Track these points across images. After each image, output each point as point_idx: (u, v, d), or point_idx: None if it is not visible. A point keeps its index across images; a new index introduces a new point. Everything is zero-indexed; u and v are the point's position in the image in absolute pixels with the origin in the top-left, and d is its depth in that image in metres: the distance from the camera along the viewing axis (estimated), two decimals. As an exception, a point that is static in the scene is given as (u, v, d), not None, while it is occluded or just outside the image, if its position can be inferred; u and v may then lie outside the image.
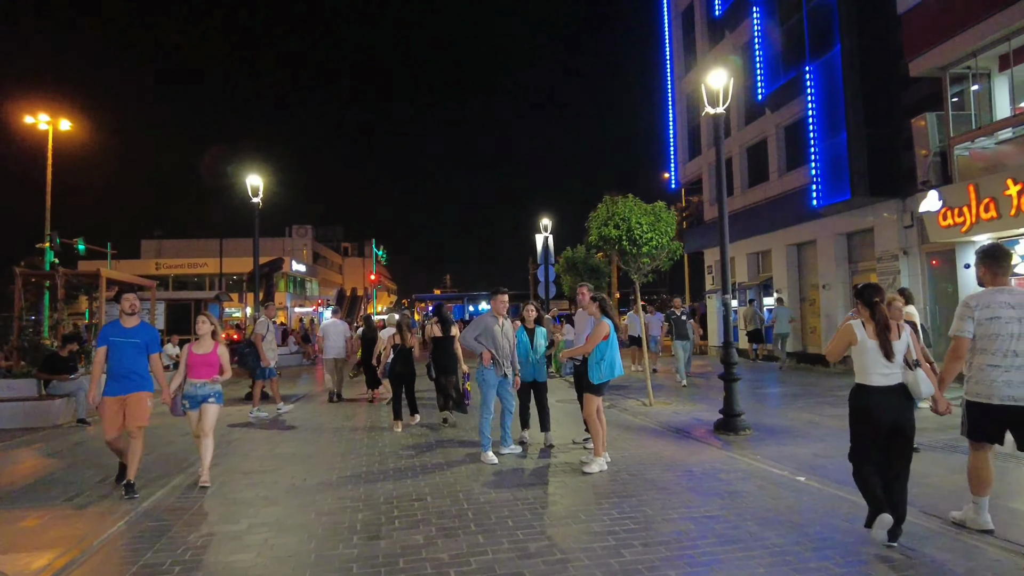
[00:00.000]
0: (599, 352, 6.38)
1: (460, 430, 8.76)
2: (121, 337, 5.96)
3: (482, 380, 6.83)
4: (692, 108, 24.77)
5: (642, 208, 10.82)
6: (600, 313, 6.57)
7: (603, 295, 6.82)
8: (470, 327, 6.81)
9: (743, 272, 20.63)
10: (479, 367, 6.83)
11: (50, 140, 27.22)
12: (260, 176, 13.35)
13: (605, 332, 6.39)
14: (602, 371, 6.35)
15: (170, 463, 7.17)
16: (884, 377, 4.05)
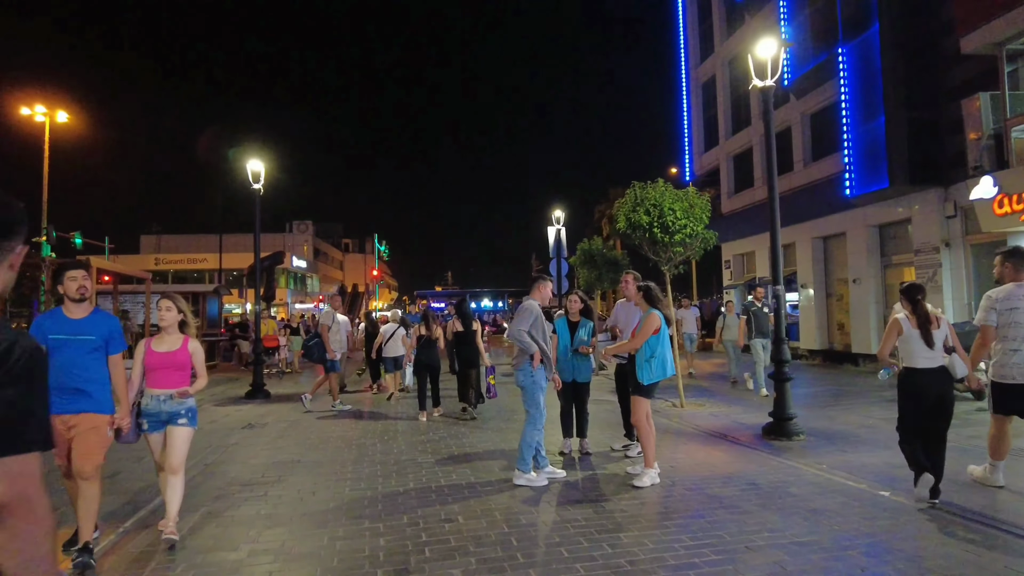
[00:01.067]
0: (648, 348, 5.57)
1: (482, 432, 7.97)
2: (65, 333, 3.95)
3: (531, 383, 5.79)
4: (708, 98, 23.96)
5: (674, 193, 10.01)
6: (648, 304, 5.76)
7: (651, 283, 6.01)
8: (521, 319, 5.86)
9: (764, 266, 19.80)
10: (524, 368, 5.77)
11: (47, 132, 26.48)
12: (261, 162, 12.53)
13: (656, 326, 5.58)
14: (652, 370, 5.55)
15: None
16: (928, 360, 4.78)
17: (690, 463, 6.32)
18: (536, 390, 5.78)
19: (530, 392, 5.76)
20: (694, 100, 24.78)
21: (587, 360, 6.82)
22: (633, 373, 5.67)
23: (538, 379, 5.80)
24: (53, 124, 27.09)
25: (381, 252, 61.70)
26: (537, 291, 6.04)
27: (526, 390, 5.76)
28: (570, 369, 6.66)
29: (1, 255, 1.34)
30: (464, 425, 8.58)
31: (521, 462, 5.68)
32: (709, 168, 23.86)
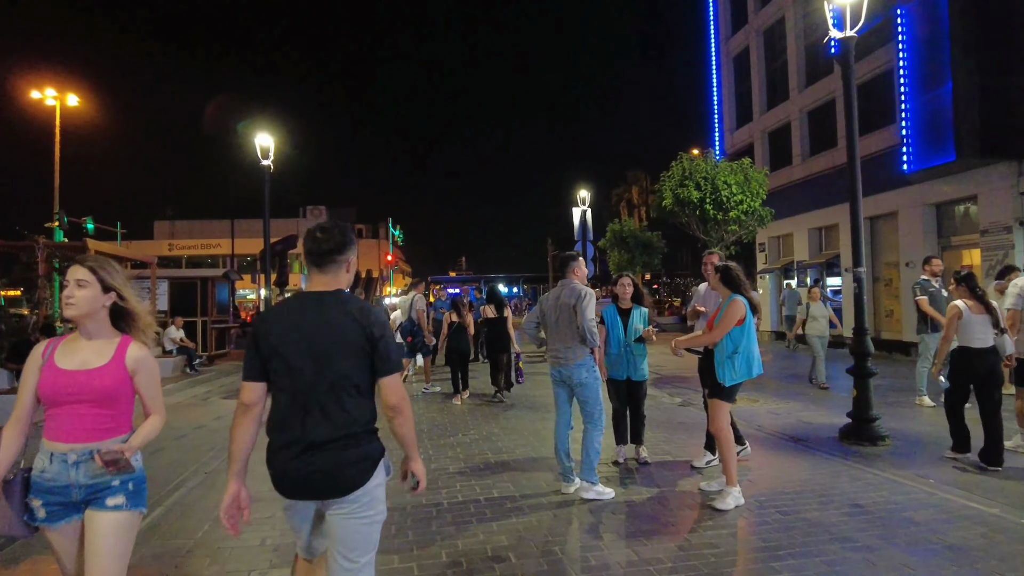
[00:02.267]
0: (731, 342, 4.61)
1: (516, 434, 7.06)
2: None
3: (595, 380, 4.86)
4: (740, 72, 22.69)
5: (728, 166, 9.00)
6: (728, 288, 4.78)
7: (729, 262, 5.02)
8: (590, 306, 4.83)
9: (803, 249, 18.68)
10: (585, 363, 4.81)
11: (57, 116, 26.02)
12: (270, 137, 11.66)
13: (739, 315, 4.61)
14: (735, 369, 4.58)
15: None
16: (982, 341, 5.47)
17: (769, 476, 5.37)
18: (599, 387, 4.90)
19: (594, 390, 4.84)
20: (725, 75, 23.51)
21: (643, 354, 5.88)
22: (710, 372, 4.71)
23: (599, 375, 4.93)
24: (65, 108, 26.61)
25: (395, 237, 60.86)
26: (575, 272, 5.08)
27: (588, 387, 4.82)
28: (624, 365, 5.71)
29: (340, 263, 2.32)
30: (495, 424, 7.68)
31: (589, 472, 4.78)
32: (741, 146, 22.62)
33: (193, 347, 14.17)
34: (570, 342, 4.83)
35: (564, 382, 4.92)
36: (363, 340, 2.21)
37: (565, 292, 4.91)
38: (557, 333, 4.91)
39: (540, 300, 5.23)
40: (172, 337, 13.62)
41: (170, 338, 13.61)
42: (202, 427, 7.87)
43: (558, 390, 5.01)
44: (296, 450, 2.22)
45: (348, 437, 2.20)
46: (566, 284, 4.98)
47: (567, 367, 4.84)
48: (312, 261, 2.30)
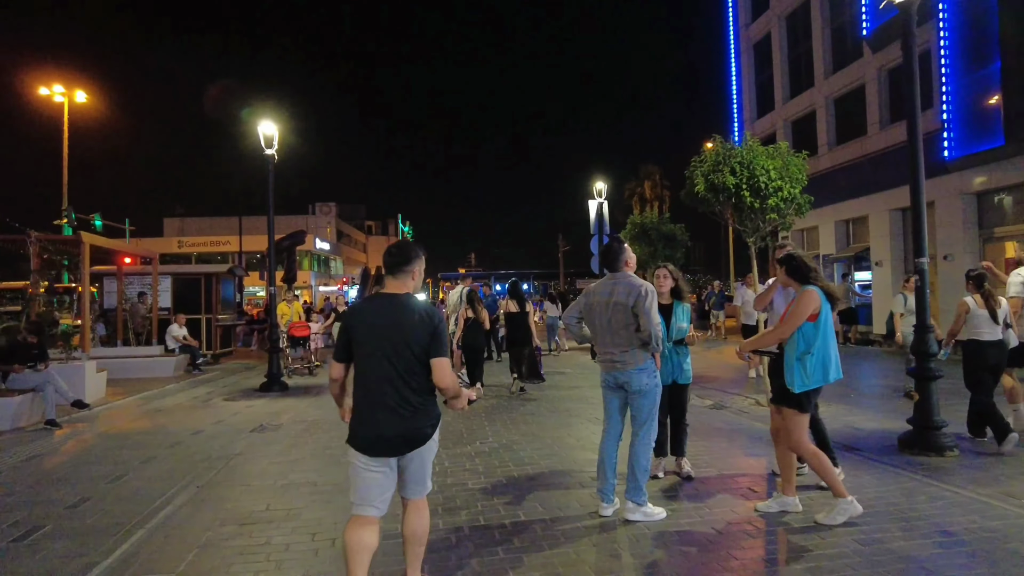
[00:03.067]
0: (803, 340, 3.97)
1: (538, 441, 6.43)
2: None
3: (656, 387, 4.24)
4: (761, 59, 21.90)
5: (766, 150, 8.31)
6: (796, 280, 4.14)
7: (792, 251, 4.37)
8: (653, 303, 4.18)
9: (829, 243, 17.92)
10: (646, 367, 4.18)
11: (66, 112, 25.84)
12: (273, 124, 11.07)
13: (813, 308, 3.96)
14: (807, 372, 3.95)
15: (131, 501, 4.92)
16: (990, 334, 5.93)
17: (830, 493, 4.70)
18: (659, 396, 4.29)
19: (652, 399, 4.23)
20: (744, 63, 22.73)
21: (687, 354, 5.24)
22: (780, 376, 4.06)
23: (660, 382, 4.30)
24: (73, 105, 26.31)
25: (405, 233, 60.37)
26: (628, 263, 4.43)
27: (647, 395, 4.20)
28: (668, 368, 5.06)
29: (408, 272, 2.95)
30: (515, 430, 7.06)
31: (636, 491, 4.16)
32: (762, 136, 21.80)
33: (196, 345, 13.64)
34: (628, 345, 4.19)
35: (620, 388, 4.28)
36: (427, 332, 2.85)
37: (620, 289, 4.24)
38: (610, 334, 4.26)
39: (585, 292, 4.59)
40: (174, 335, 13.10)
41: (172, 336, 13.08)
42: (200, 433, 7.30)
43: (610, 396, 4.37)
44: (377, 418, 2.83)
45: (415, 405, 2.86)
46: (620, 279, 4.31)
47: (625, 372, 4.20)
48: (388, 271, 3.01)
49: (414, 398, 2.84)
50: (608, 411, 4.43)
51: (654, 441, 4.30)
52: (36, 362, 7.90)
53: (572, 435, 6.75)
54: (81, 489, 5.17)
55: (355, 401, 2.91)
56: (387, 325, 2.86)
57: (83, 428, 7.74)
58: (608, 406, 4.43)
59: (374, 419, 2.83)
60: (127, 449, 6.55)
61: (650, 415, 4.24)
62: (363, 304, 3.10)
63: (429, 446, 2.95)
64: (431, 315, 2.89)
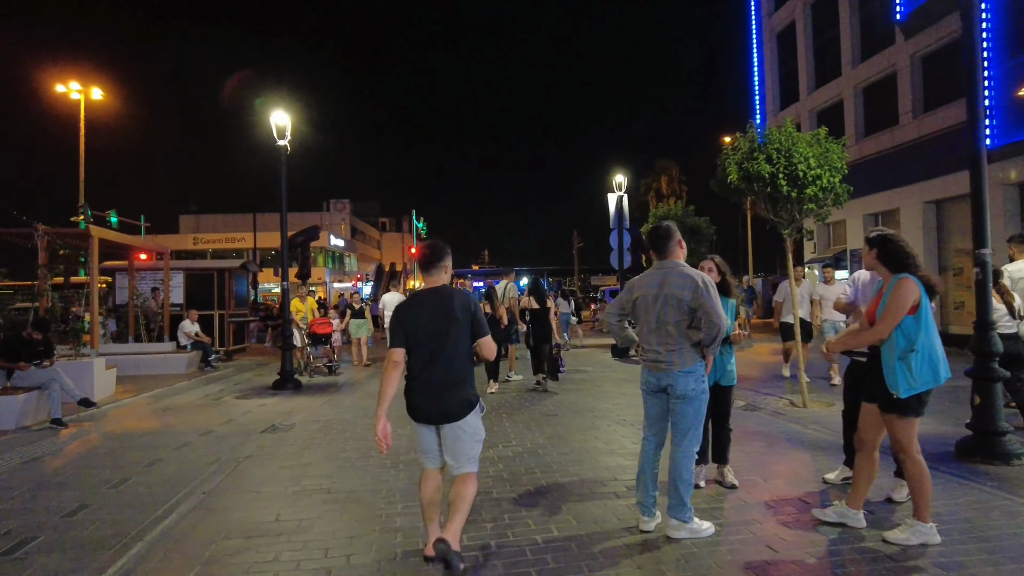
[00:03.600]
0: (903, 338, 3.54)
1: (564, 444, 6.04)
2: None
3: (703, 392, 3.82)
4: (785, 49, 21.28)
5: (804, 137, 7.84)
6: (890, 267, 3.70)
7: (887, 231, 3.87)
8: (716, 297, 3.75)
9: (857, 237, 17.31)
10: (694, 370, 3.75)
11: (82, 110, 25.86)
12: (286, 115, 10.76)
13: (912, 299, 3.53)
14: (912, 373, 3.51)
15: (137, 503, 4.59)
16: (1007, 328, 6.00)
17: (894, 506, 4.27)
18: (706, 402, 3.87)
19: (698, 405, 3.81)
20: (767, 53, 22.12)
21: (731, 355, 4.83)
22: (878, 379, 3.63)
23: (707, 388, 3.88)
24: (89, 102, 26.31)
25: (419, 229, 60.13)
26: (678, 252, 4.00)
27: (693, 401, 3.78)
28: (712, 368, 4.64)
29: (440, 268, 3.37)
30: (539, 432, 6.67)
31: (680, 507, 3.75)
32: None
33: (209, 342, 13.39)
34: (676, 344, 3.77)
35: (662, 391, 3.87)
36: (467, 318, 3.30)
37: (673, 279, 3.81)
38: (657, 331, 3.83)
39: (627, 287, 4.16)
40: (186, 331, 12.85)
41: (184, 332, 12.84)
42: (209, 433, 6.99)
43: (651, 400, 3.96)
44: (425, 392, 3.29)
45: (457, 383, 3.29)
46: (670, 268, 3.88)
47: (669, 373, 3.78)
48: (424, 269, 3.42)
49: (453, 376, 3.29)
50: (649, 416, 4.03)
51: (695, 452, 3.89)
52: (41, 359, 7.64)
53: (600, 438, 6.36)
54: (81, 495, 4.86)
55: (406, 380, 3.40)
56: (432, 314, 3.32)
57: (89, 427, 7.46)
58: (649, 411, 4.02)
59: (420, 393, 3.32)
60: (132, 450, 6.24)
61: (694, 423, 3.82)
62: (412, 297, 3.54)
63: (466, 426, 3.32)
64: (468, 302, 3.39)
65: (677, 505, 3.75)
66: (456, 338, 3.29)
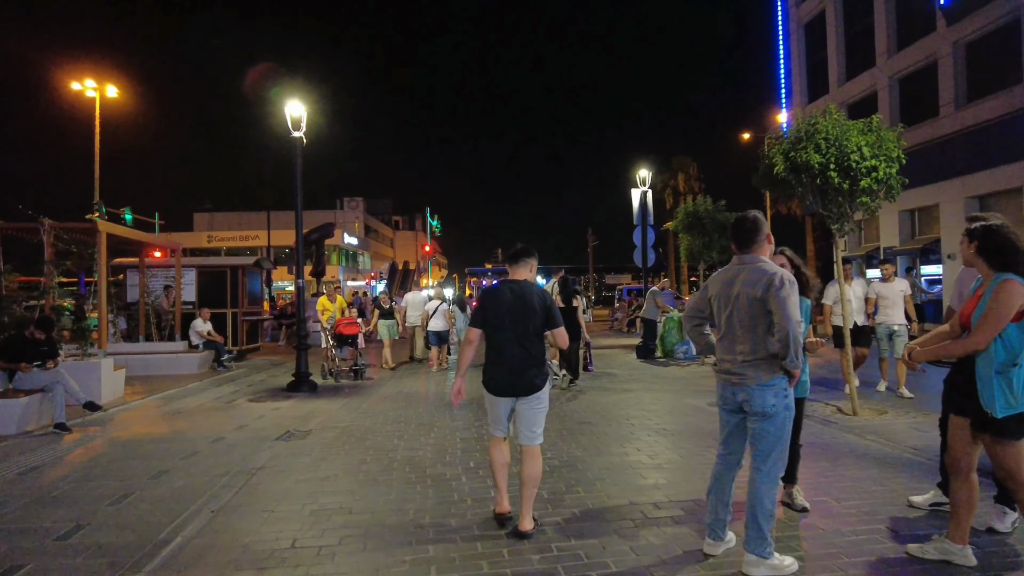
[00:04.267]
0: (1004, 347, 3.01)
1: (601, 457, 5.52)
2: None
3: (787, 409, 3.25)
4: (814, 40, 20.58)
5: (857, 125, 7.26)
6: (992, 264, 3.15)
7: (993, 221, 3.31)
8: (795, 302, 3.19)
9: (891, 235, 16.65)
10: (776, 383, 3.22)
11: (97, 107, 25.81)
12: (301, 105, 10.32)
13: (1016, 305, 2.98)
14: (1012, 391, 2.98)
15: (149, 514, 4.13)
16: None
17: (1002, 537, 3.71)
18: (790, 421, 3.29)
19: (781, 424, 3.26)
20: (794, 44, 21.43)
21: (805, 363, 4.28)
22: (970, 392, 3.09)
23: (792, 404, 3.31)
24: (104, 100, 26.21)
25: (433, 227, 59.79)
26: (764, 247, 3.45)
27: (774, 420, 3.24)
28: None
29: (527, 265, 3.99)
30: (575, 443, 6.16)
31: (759, 541, 3.21)
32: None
33: (222, 341, 13.00)
34: (752, 353, 3.25)
35: (739, 409, 3.35)
36: (543, 310, 3.89)
37: (747, 276, 3.29)
38: (731, 337, 3.33)
39: (705, 284, 3.64)
40: (198, 330, 12.46)
41: (196, 331, 12.45)
42: (220, 440, 6.55)
43: (726, 416, 3.45)
44: (505, 369, 3.85)
45: (532, 362, 3.86)
46: (748, 262, 3.35)
47: (746, 387, 3.25)
48: (512, 262, 4.06)
49: (529, 357, 3.82)
50: (724, 432, 3.51)
51: (778, 477, 3.35)
52: (45, 360, 7.23)
53: (642, 451, 5.83)
54: (78, 512, 4.41)
55: (487, 357, 3.93)
56: (514, 303, 3.85)
57: (94, 432, 7.05)
58: (723, 427, 3.51)
59: (501, 370, 3.83)
60: (138, 460, 5.81)
61: (776, 445, 3.27)
62: (497, 287, 4.03)
63: (539, 398, 3.86)
64: (544, 297, 3.93)
65: (756, 539, 3.22)
66: (533, 325, 3.86)
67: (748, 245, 3.41)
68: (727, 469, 3.49)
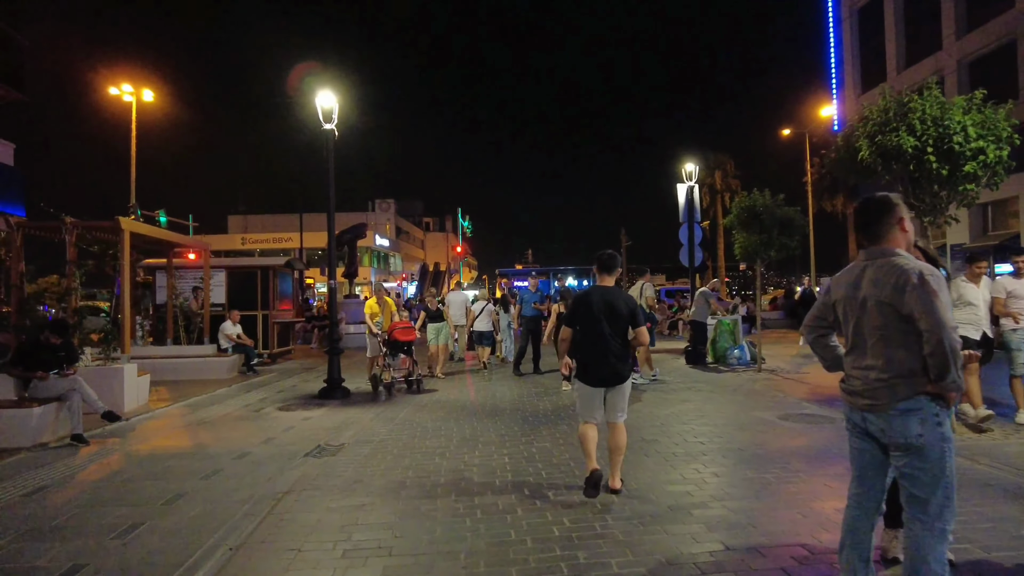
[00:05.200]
0: None
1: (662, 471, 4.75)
2: None
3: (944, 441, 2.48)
4: (868, 26, 19.41)
5: (960, 102, 6.38)
6: None
7: None
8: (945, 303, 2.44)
9: (960, 230, 15.45)
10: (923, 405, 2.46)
11: (134, 111, 25.95)
12: (333, 96, 9.76)
13: None
14: None
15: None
16: None
17: None
18: (950, 456, 2.49)
19: (937, 459, 2.47)
20: (846, 31, 20.27)
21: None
22: None
23: (950, 434, 2.52)
24: (141, 104, 26.35)
25: (464, 228, 59.36)
26: (897, 235, 2.68)
27: (926, 454, 2.47)
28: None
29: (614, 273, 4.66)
30: (642, 469, 5.39)
31: None
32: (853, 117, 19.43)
33: (251, 344, 12.55)
34: (887, 369, 2.50)
35: (874, 436, 2.60)
36: (627, 312, 4.53)
37: (875, 274, 2.57)
38: (861, 349, 2.61)
39: (828, 285, 2.89)
40: (228, 333, 12.02)
41: (225, 334, 12.01)
42: (244, 456, 5.96)
43: (858, 444, 2.71)
44: (598, 364, 4.49)
45: (621, 357, 4.50)
46: (876, 256, 2.62)
47: (883, 413, 2.51)
48: (602, 270, 4.68)
49: (620, 351, 4.50)
50: (856, 466, 2.76)
51: (948, 531, 2.57)
52: (62, 366, 6.76)
53: (723, 478, 5.04)
54: (79, 546, 3.83)
55: (583, 353, 4.56)
56: (605, 305, 4.50)
57: (113, 445, 6.53)
58: (856, 458, 2.76)
59: (597, 364, 4.49)
60: (154, 480, 5.24)
61: (936, 488, 2.48)
62: (589, 291, 4.66)
63: (623, 388, 4.55)
64: (628, 300, 4.63)
65: None
66: (620, 324, 4.51)
67: (875, 235, 2.66)
68: (864, 515, 2.73)
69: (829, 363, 2.93)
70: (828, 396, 8.52)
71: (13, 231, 8.20)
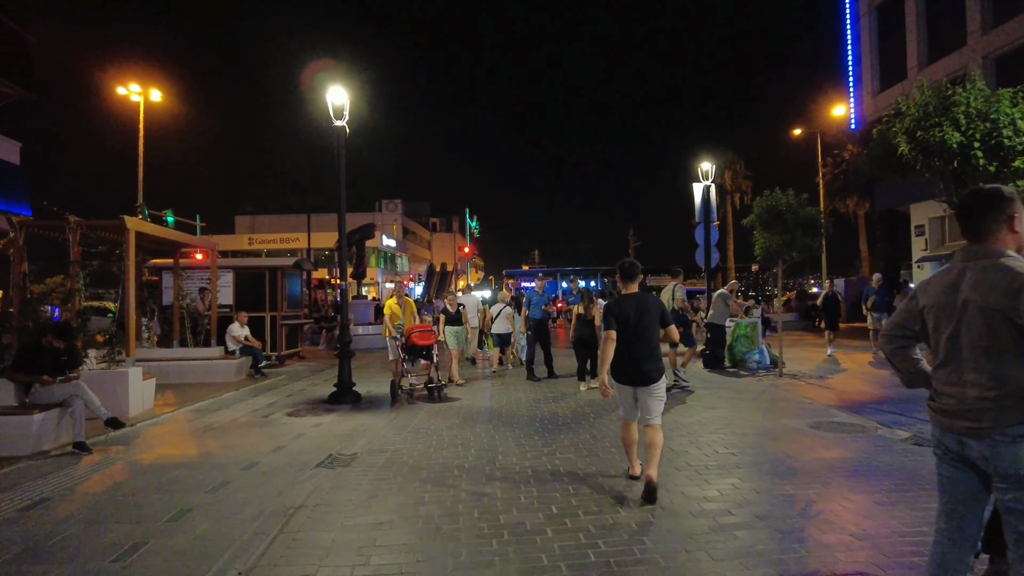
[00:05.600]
0: None
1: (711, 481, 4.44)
2: None
3: None
4: (887, 22, 19.00)
5: (1005, 93, 6.05)
6: None
7: None
8: None
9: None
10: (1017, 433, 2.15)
11: (141, 111, 25.93)
12: (344, 92, 9.49)
13: None
14: None
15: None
16: None
17: None
18: None
19: None
20: (864, 27, 19.86)
21: None
22: None
23: None
24: (149, 104, 26.28)
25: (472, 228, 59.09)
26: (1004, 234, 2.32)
27: None
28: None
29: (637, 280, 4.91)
30: (669, 479, 5.08)
31: None
32: (886, 111, 19.00)
33: (259, 346, 12.29)
34: (993, 387, 2.18)
35: (972, 465, 2.28)
36: (657, 313, 4.78)
37: (979, 276, 2.25)
38: (957, 363, 2.29)
39: (916, 289, 2.58)
40: (235, 335, 11.76)
41: (233, 336, 11.75)
42: (254, 466, 5.69)
43: (955, 474, 2.37)
44: (628, 364, 4.69)
45: (653, 358, 4.69)
46: (977, 257, 2.30)
47: (987, 438, 2.19)
48: (625, 279, 4.89)
49: (650, 353, 4.71)
50: (946, 498, 2.43)
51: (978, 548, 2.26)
52: (65, 371, 6.50)
53: (763, 494, 4.72)
54: (77, 570, 3.55)
55: (617, 354, 4.72)
56: (635, 309, 4.75)
57: (116, 454, 6.26)
58: (947, 489, 2.42)
59: (630, 363, 4.70)
60: (158, 492, 4.97)
61: None
62: (620, 299, 4.85)
63: (655, 388, 4.68)
64: (657, 304, 4.88)
65: None
66: (652, 326, 4.74)
67: (977, 232, 2.33)
68: (960, 555, 2.40)
69: (910, 378, 2.61)
70: (856, 402, 8.20)
71: (16, 230, 7.96)
